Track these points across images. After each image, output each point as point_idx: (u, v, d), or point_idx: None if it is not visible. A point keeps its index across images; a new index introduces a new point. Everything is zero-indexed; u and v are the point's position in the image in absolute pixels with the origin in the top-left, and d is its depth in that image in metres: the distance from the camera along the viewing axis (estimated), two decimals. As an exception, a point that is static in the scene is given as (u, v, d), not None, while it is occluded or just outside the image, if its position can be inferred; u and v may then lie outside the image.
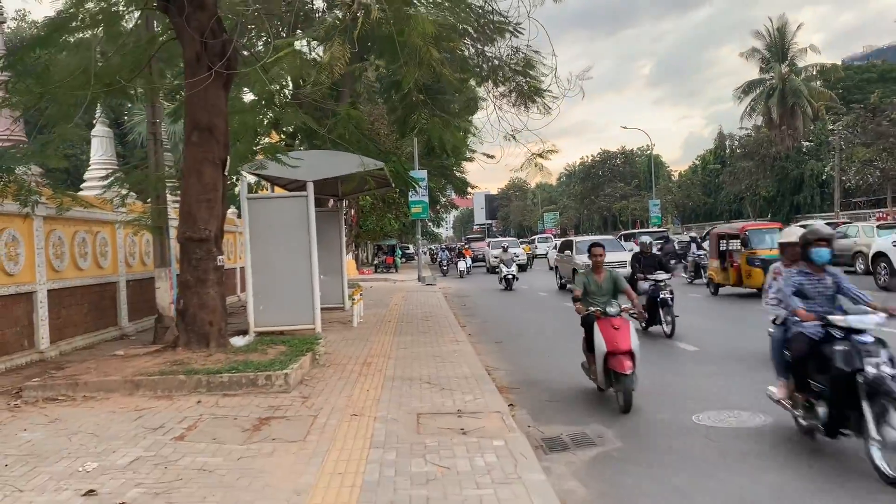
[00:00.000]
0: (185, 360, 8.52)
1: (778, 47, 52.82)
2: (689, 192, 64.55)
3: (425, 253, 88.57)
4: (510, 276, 25.93)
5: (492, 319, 16.96)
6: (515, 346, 12.36)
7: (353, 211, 29.76)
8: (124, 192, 11.49)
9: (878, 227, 23.14)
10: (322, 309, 16.98)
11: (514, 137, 11.66)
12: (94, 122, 19.61)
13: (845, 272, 15.21)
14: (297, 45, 10.45)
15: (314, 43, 14.16)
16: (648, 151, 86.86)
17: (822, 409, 5.54)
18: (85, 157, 22.61)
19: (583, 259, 19.63)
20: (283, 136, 17.88)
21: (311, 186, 12.52)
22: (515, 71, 11.15)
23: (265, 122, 14.62)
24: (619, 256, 21.22)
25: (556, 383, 8.97)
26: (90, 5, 9.46)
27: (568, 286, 21.50)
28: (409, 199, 32.23)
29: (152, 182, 11.20)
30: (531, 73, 11.20)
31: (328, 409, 7.03)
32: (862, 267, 21.24)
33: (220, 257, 9.26)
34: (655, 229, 43.59)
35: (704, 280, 21.01)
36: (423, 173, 29.97)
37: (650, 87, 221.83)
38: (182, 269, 9.34)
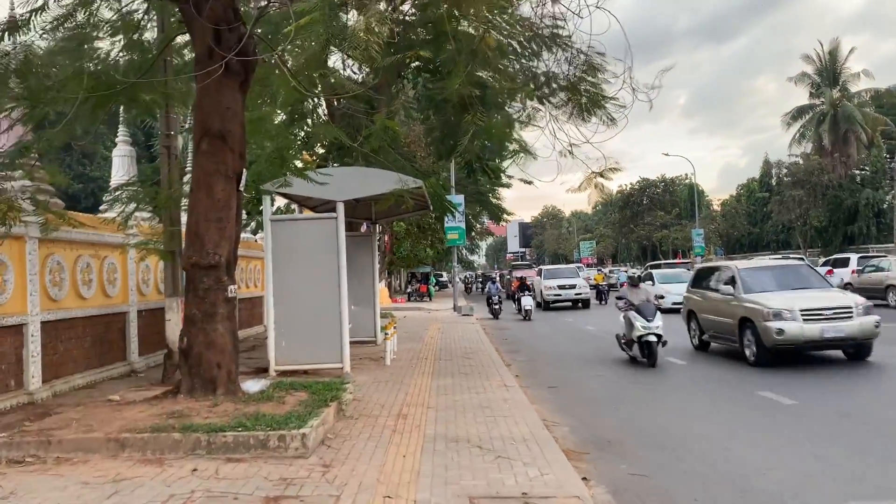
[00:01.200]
0: (185, 410, 7.08)
1: (829, 72, 50.71)
2: (734, 221, 62.19)
3: (460, 281, 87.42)
4: (653, 340, 12.58)
5: (539, 358, 15.31)
6: (572, 392, 10.71)
7: (386, 237, 28.40)
8: (129, 209, 10.17)
9: None
10: (351, 342, 15.50)
11: (570, 153, 10.14)
12: (116, 141, 18.57)
13: (876, 305, 14.15)
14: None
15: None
16: (688, 180, 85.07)
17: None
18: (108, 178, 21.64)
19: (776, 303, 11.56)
20: (315, 157, 16.63)
21: (341, 207, 11.13)
22: (575, 78, 9.66)
23: (296, 142, 13.38)
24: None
25: (633, 445, 7.33)
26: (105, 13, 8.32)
27: (711, 343, 14.23)
28: (445, 224, 30.84)
29: (162, 200, 9.88)
30: (591, 79, 9.70)
31: (354, 484, 5.49)
32: (894, 300, 21.53)
33: (231, 287, 7.84)
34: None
35: None
36: (461, 198, 28.58)
37: (686, 117, 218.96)
38: (187, 300, 7.94)
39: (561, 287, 31.83)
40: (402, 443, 6.85)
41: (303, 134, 15.68)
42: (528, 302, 25.77)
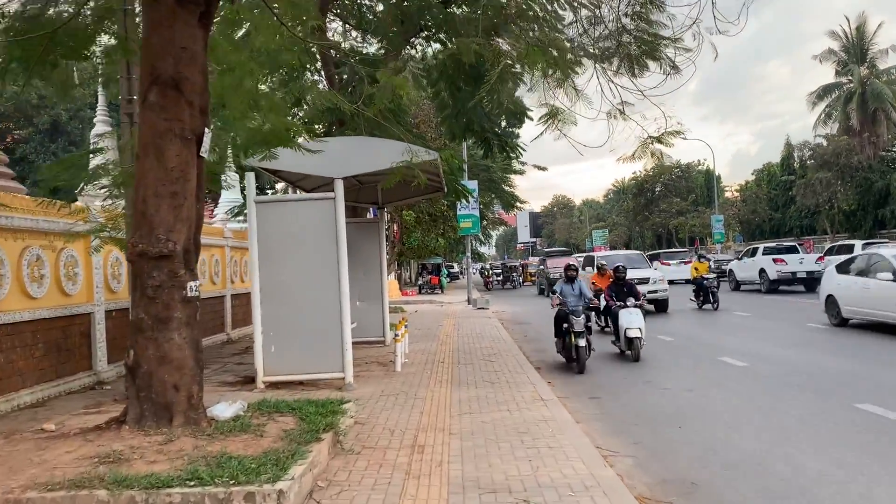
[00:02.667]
0: (126, 450, 5.24)
1: (856, 48, 48.35)
2: (755, 206, 59.90)
3: (475, 272, 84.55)
4: (582, 345, 11.12)
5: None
6: (621, 404, 8.82)
7: (395, 225, 26.54)
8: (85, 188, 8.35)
9: None
10: (357, 343, 13.67)
11: (621, 112, 8.21)
12: (95, 121, 16.78)
13: None
14: None
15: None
16: (701, 166, 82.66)
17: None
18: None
19: None
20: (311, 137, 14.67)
21: (340, 186, 9.26)
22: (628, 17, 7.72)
23: (290, 111, 11.45)
24: None
25: (730, 491, 5.45)
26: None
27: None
28: (458, 212, 28.94)
29: (120, 178, 8.04)
30: (649, 17, 7.77)
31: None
32: None
33: (191, 284, 5.98)
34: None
35: None
36: (474, 183, 26.67)
37: (696, 103, 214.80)
38: (133, 301, 6.10)
39: None
40: (420, 496, 4.99)
41: (301, 112, 13.85)
42: (632, 321, 12.33)
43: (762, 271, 27.77)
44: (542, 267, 37.01)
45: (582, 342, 11.15)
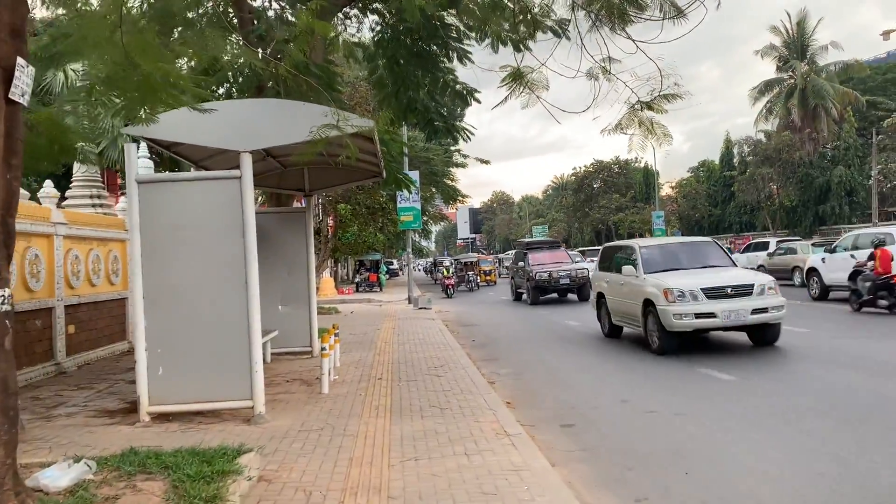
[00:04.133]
0: None
1: (797, 44, 48.30)
2: (695, 202, 59.71)
3: (418, 268, 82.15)
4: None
5: (522, 364, 11.72)
6: (602, 434, 7.09)
7: (330, 219, 24.43)
8: None
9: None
10: (279, 355, 11.68)
11: (606, 71, 6.44)
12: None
13: (782, 286, 14.01)
14: None
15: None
16: (639, 163, 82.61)
17: None
18: None
19: None
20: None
21: (247, 161, 7.24)
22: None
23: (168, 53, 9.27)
24: None
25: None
26: None
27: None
28: (398, 205, 26.99)
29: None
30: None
31: None
32: (798, 280, 23.62)
33: (-6, 293, 3.93)
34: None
35: None
36: (416, 174, 24.75)
37: (630, 103, 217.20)
38: None
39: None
40: None
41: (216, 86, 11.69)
42: None
43: None
44: (520, 264, 26.79)
45: None
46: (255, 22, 9.48)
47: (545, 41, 7.01)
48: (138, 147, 7.94)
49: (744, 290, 11.19)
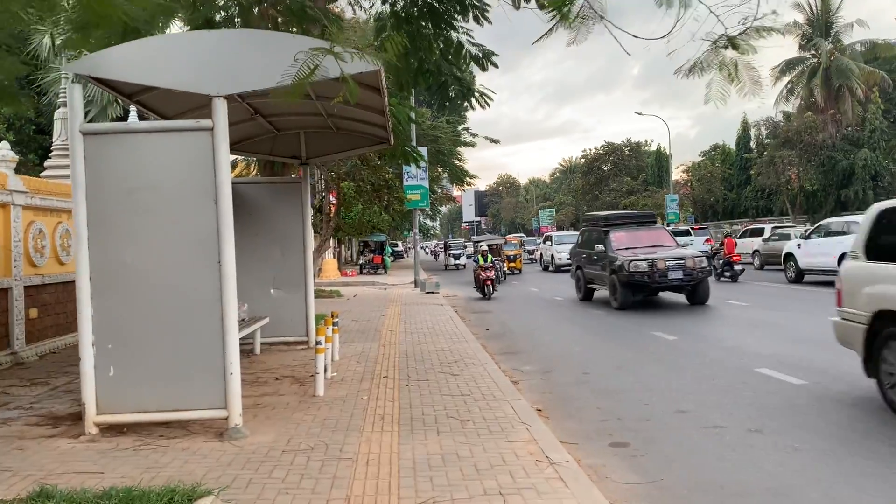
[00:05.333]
0: None
1: (821, 21, 46.27)
2: (711, 185, 57.87)
3: (426, 251, 79.93)
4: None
5: (547, 360, 10.22)
6: (666, 457, 5.61)
7: (332, 196, 22.92)
8: None
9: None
10: (271, 345, 10.24)
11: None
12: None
13: (775, 270, 23.31)
14: None
15: None
16: (651, 146, 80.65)
17: None
18: None
19: None
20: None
21: (221, 109, 5.73)
22: None
23: None
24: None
25: None
26: None
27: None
28: (405, 183, 25.46)
29: None
30: None
31: None
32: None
33: None
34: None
35: None
36: (424, 150, 23.19)
37: (638, 88, 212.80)
38: None
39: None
40: None
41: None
42: None
43: None
44: (597, 248, 17.79)
45: None
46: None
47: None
48: (86, 90, 6.44)
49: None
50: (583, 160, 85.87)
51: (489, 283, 21.22)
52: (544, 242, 32.32)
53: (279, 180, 11.02)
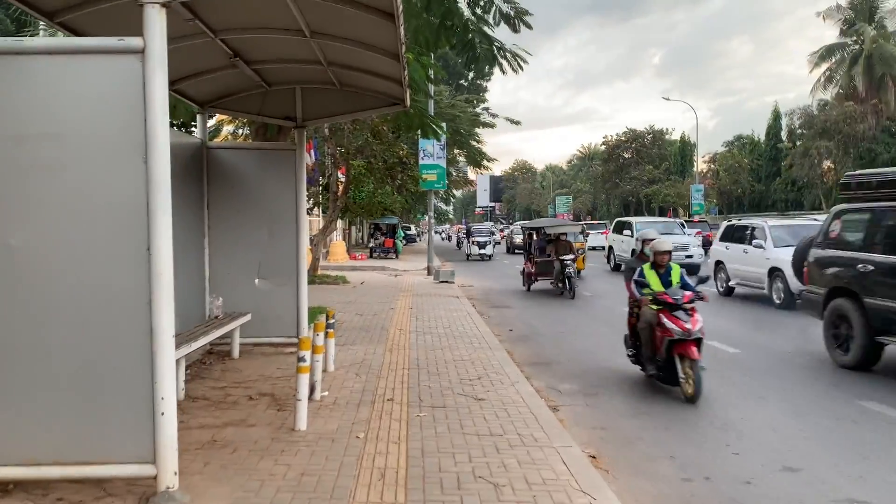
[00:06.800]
0: None
1: (865, 5, 43.79)
2: (738, 176, 55.53)
3: (442, 236, 76.57)
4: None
5: (588, 376, 8.30)
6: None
7: (340, 173, 21.03)
8: None
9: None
10: (253, 345, 8.45)
11: None
12: None
13: None
14: None
15: None
16: (669, 135, 77.96)
17: None
18: None
19: None
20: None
21: (155, 19, 3.84)
22: None
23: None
24: None
25: None
26: None
27: None
28: (420, 162, 23.53)
29: None
30: None
31: None
32: None
33: None
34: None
35: None
36: (443, 125, 21.23)
37: (659, 76, 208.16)
38: None
39: None
40: None
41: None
42: None
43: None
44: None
45: None
46: None
47: None
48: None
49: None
50: (603, 147, 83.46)
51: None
52: (616, 231, 22.35)
53: (269, 146, 9.14)
